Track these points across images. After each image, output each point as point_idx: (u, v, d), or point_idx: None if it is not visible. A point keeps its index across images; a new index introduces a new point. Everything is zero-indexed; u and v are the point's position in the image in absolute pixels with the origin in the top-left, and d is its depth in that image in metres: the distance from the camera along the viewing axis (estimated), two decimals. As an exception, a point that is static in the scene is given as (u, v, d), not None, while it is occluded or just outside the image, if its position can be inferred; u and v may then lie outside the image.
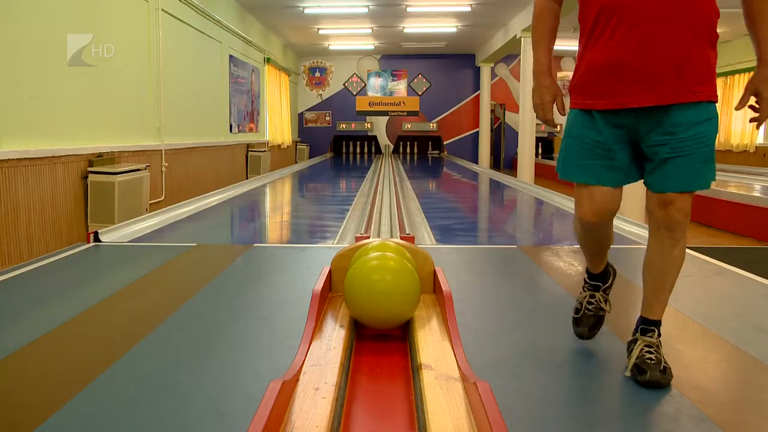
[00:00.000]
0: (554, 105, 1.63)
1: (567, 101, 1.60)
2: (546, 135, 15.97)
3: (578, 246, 1.85)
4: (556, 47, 1.68)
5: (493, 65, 15.14)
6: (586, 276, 1.80)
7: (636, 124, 1.48)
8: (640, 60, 1.43)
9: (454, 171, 11.35)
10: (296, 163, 13.75)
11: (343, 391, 1.33)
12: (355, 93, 16.20)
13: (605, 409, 1.40)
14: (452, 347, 1.49)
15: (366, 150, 16.20)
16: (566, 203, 5.52)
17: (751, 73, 1.46)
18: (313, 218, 5.38)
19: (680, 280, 1.55)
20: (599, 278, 1.77)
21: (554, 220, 5.32)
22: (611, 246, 1.72)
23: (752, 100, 1.47)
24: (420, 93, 16.28)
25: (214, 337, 1.87)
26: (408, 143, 16.28)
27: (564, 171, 1.61)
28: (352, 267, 1.74)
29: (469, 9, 10.34)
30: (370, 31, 12.51)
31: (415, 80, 16.22)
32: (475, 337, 1.80)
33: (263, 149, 10.63)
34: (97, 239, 3.35)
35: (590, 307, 1.75)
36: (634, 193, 6.02)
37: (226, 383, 1.51)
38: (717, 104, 1.47)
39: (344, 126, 16.22)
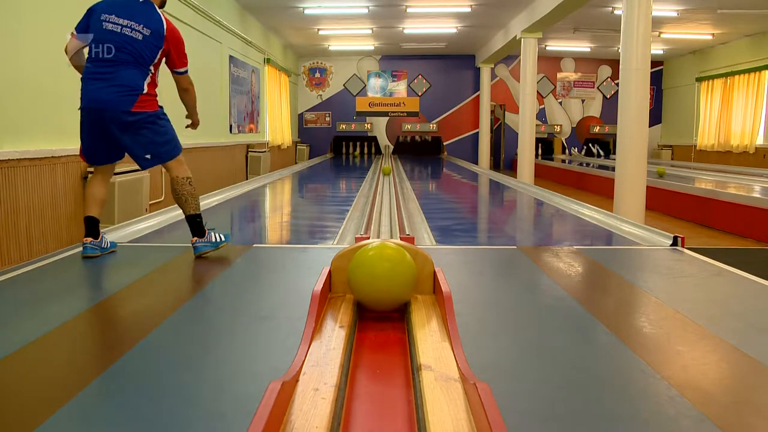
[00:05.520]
0: None
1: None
2: (546, 136, 15.97)
3: (578, 246, 1.80)
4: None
5: (493, 66, 15.15)
6: None
7: None
8: None
9: (454, 171, 11.34)
10: (296, 163, 13.75)
11: (343, 391, 1.33)
12: (355, 93, 16.22)
13: (605, 410, 1.40)
14: (452, 348, 1.49)
15: (366, 150, 16.22)
16: (566, 204, 5.53)
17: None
18: (313, 219, 5.37)
19: (681, 281, 1.54)
20: None
21: (554, 221, 5.32)
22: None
23: None
24: (420, 94, 16.29)
25: (214, 338, 1.86)
26: (408, 144, 16.30)
27: None
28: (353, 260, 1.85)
29: (469, 10, 10.35)
30: (370, 31, 12.52)
31: (415, 81, 16.23)
32: (475, 338, 1.80)
33: (263, 150, 10.63)
34: (96, 239, 3.34)
35: None
36: (635, 192, 6.04)
37: (226, 383, 1.51)
38: None
39: (344, 126, 16.24)
